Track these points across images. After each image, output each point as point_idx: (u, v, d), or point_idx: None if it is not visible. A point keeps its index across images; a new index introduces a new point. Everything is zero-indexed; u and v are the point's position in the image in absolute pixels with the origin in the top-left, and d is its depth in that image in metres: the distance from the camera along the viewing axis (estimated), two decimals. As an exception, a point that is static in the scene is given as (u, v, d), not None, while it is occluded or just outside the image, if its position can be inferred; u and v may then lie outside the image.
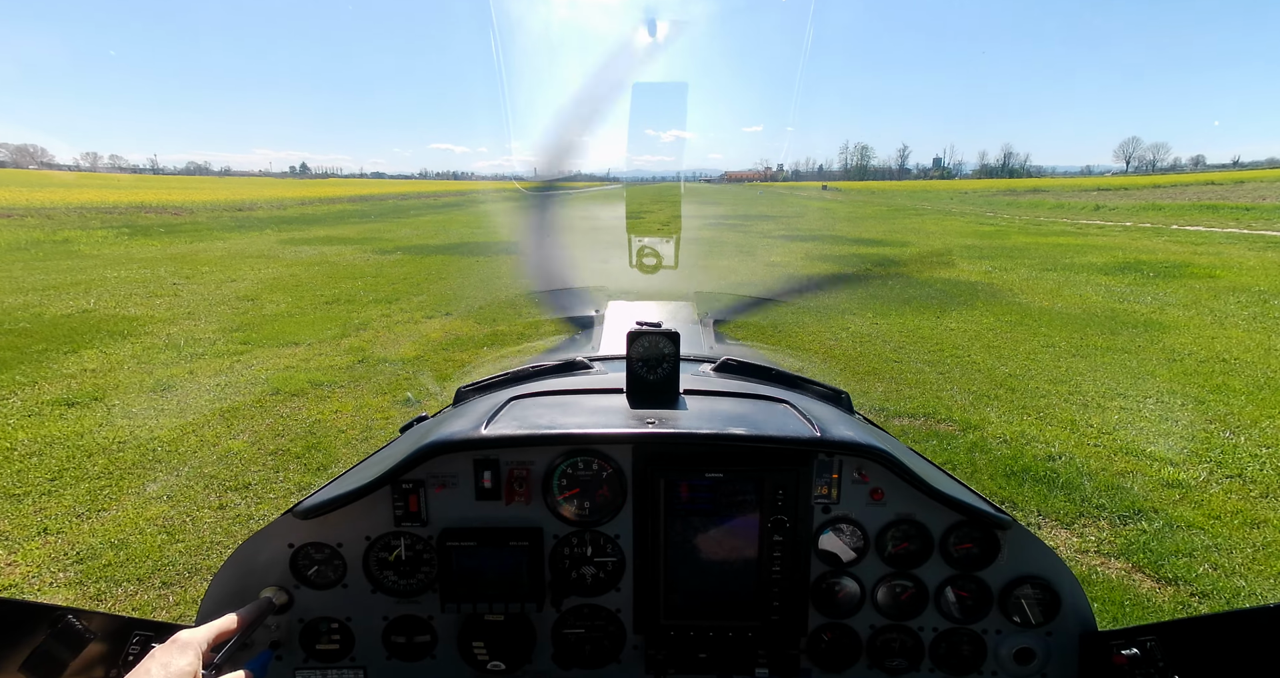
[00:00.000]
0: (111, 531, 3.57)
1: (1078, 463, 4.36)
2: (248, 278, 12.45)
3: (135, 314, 8.90)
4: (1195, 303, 9.84)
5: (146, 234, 20.89)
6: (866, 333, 8.28)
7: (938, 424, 5.17)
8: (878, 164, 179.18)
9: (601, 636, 1.16)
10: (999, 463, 4.37)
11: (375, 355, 7.16)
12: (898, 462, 1.07)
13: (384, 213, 38.15)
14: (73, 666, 0.94)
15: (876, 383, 6.25)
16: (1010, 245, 19.29)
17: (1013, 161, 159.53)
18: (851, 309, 9.76)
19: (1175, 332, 8.03)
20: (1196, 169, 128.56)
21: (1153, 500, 3.86)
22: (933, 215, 37.57)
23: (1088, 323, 8.63)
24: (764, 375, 1.52)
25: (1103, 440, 4.76)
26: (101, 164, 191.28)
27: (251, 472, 4.31)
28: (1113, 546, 3.41)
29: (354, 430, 5.11)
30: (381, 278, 12.66)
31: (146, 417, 5.21)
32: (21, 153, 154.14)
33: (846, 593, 1.15)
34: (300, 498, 1.16)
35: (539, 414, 1.16)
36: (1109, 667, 1.09)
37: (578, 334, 2.58)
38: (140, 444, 4.67)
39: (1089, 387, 6.01)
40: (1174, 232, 23.64)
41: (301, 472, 4.34)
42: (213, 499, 3.95)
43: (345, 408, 5.54)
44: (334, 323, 8.71)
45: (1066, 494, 3.92)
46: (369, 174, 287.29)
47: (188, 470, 4.30)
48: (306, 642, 1.16)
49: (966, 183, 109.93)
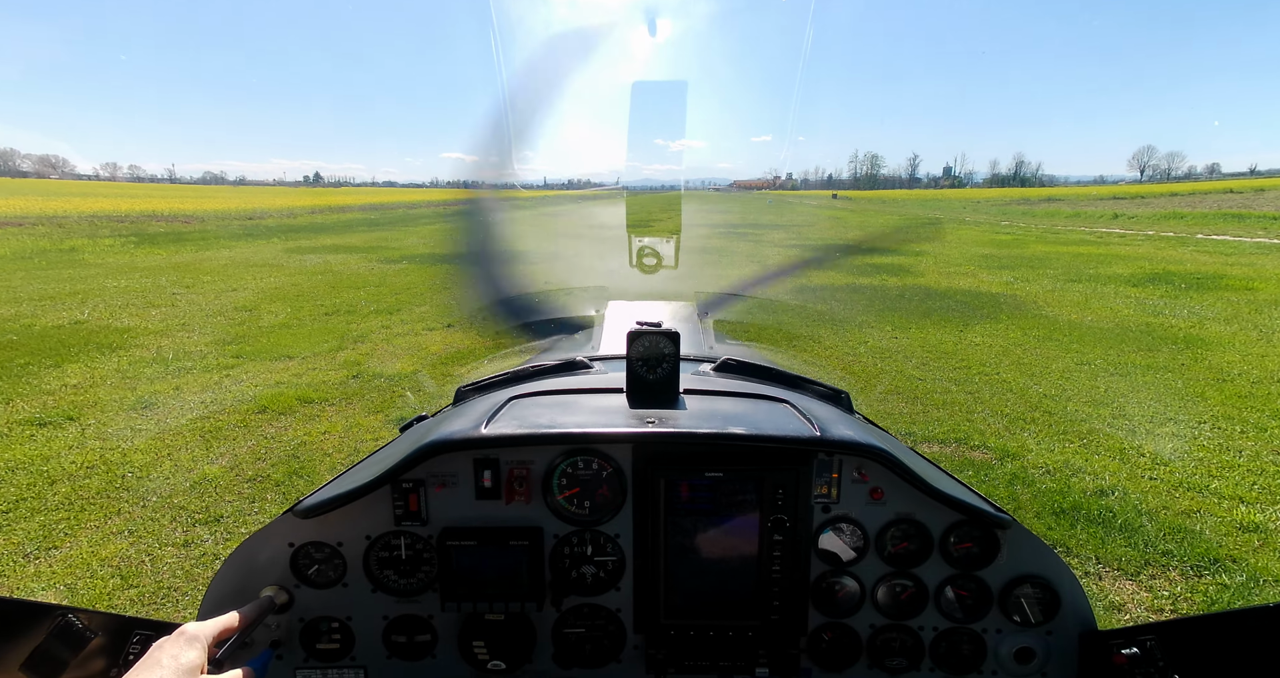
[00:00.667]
0: (60, 573, 3.23)
1: (1134, 500, 3.92)
2: (249, 287, 12.22)
3: (128, 325, 8.65)
4: (1236, 317, 9.32)
5: (153, 243, 20.83)
6: (886, 348, 7.86)
7: (971, 451, 4.74)
8: (888, 173, 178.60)
9: (602, 635, 1.16)
10: (1045, 498, 3.94)
11: (371, 370, 6.83)
12: (897, 461, 1.07)
13: (393, 221, 38.20)
14: (73, 665, 0.94)
15: (901, 403, 5.83)
16: (1030, 255, 18.77)
17: (1024, 170, 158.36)
18: (869, 321, 9.34)
19: (1219, 348, 7.53)
20: (1212, 177, 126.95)
21: (1228, 547, 3.41)
22: (946, 224, 37.04)
23: (1122, 338, 8.15)
24: (764, 375, 1.51)
25: (1159, 473, 4.31)
26: (121, 174, 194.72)
27: (225, 502, 3.97)
28: (1191, 602, 2.97)
29: (340, 454, 4.76)
30: (385, 287, 12.40)
31: (121, 438, 4.89)
32: (44, 163, 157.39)
33: (846, 593, 1.15)
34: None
35: (539, 414, 1.16)
36: (1109, 666, 1.08)
37: (578, 334, 2.56)
38: (110, 469, 4.34)
39: (1134, 410, 5.56)
40: (1199, 241, 22.98)
41: (279, 502, 3.99)
42: (178, 535, 3.60)
43: (334, 428, 5.20)
44: (332, 335, 8.41)
45: (1127, 538, 3.48)
46: (381, 183, 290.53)
47: (156, 500, 3.96)
48: (307, 641, 1.15)
49: (979, 192, 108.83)
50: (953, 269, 15.36)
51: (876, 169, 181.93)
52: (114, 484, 4.15)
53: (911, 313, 9.93)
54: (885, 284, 12.90)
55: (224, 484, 4.20)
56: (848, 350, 7.77)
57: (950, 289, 12.29)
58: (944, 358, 7.32)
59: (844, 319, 9.60)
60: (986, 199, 74.40)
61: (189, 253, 18.44)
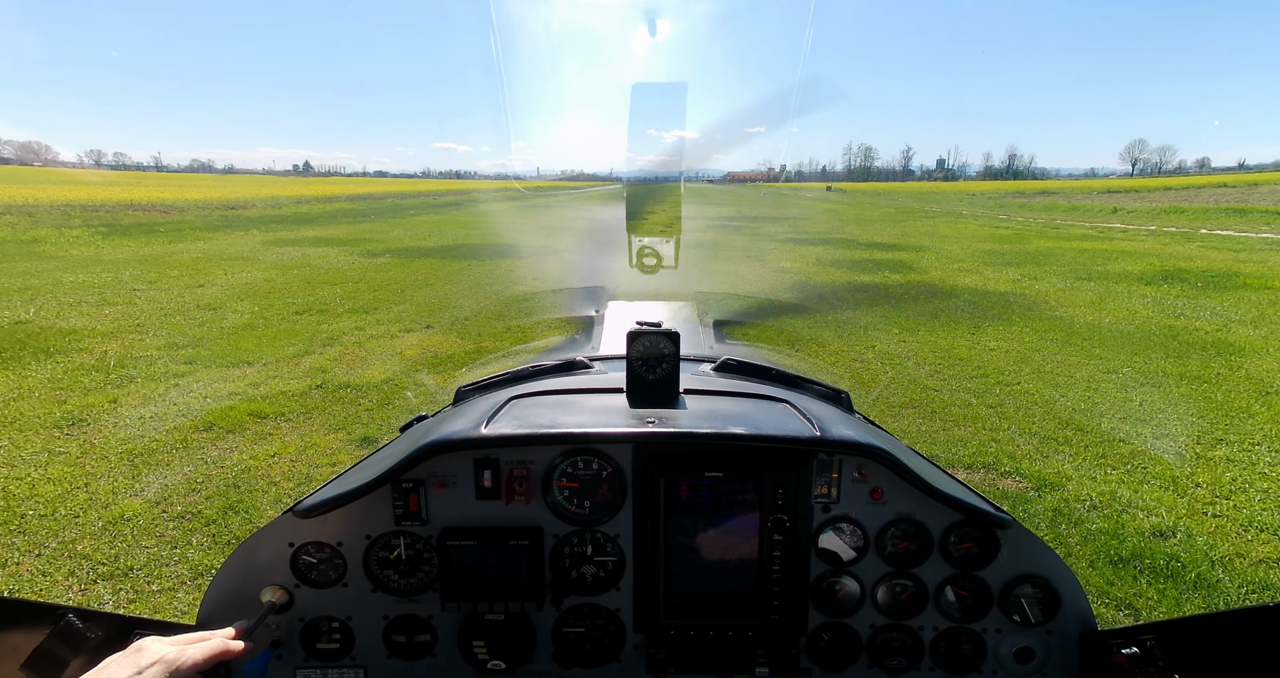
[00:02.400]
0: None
1: (1200, 545, 3.39)
2: (218, 283, 11.51)
3: (75, 326, 7.95)
4: (1262, 319, 8.83)
5: (125, 234, 19.91)
6: (895, 353, 7.32)
7: (1003, 479, 4.20)
8: (882, 165, 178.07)
9: (602, 635, 1.15)
10: (1097, 541, 3.40)
11: (337, 379, 6.21)
12: (897, 461, 1.06)
13: (381, 212, 37.29)
14: (73, 664, 0.94)
15: (918, 418, 5.28)
16: (1034, 251, 18.27)
17: (1017, 163, 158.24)
18: (875, 324, 8.79)
19: (1253, 355, 7.03)
20: (1202, 171, 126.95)
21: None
22: (944, 218, 36.49)
23: (1147, 343, 7.64)
24: (764, 375, 1.51)
25: (1222, 508, 3.79)
26: (106, 161, 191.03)
27: (141, 548, 3.37)
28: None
29: (289, 483, 4.16)
30: (363, 284, 11.72)
31: (34, 464, 4.27)
32: (26, 150, 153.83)
33: (846, 592, 1.14)
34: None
35: (539, 414, 1.16)
36: (1109, 666, 1.07)
37: (578, 334, 2.54)
38: (8, 506, 3.73)
39: (1176, 428, 5.04)
40: (1204, 236, 22.57)
41: (209, 547, 3.39)
42: (73, 592, 3.01)
43: (286, 450, 4.59)
44: (299, 337, 7.77)
45: (1205, 598, 2.95)
46: (372, 173, 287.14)
47: (55, 546, 3.35)
48: (307, 641, 1.14)
49: (974, 184, 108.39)
50: (956, 266, 14.83)
51: (870, 161, 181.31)
52: (8, 526, 3.53)
53: (918, 314, 9.39)
54: (888, 282, 12.36)
55: (144, 524, 3.60)
56: (855, 356, 7.22)
57: (957, 287, 11.76)
58: (958, 365, 6.78)
59: (848, 321, 9.04)
60: (982, 192, 73.94)
61: (160, 245, 17.61)
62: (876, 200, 62.82)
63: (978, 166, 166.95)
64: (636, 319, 1.25)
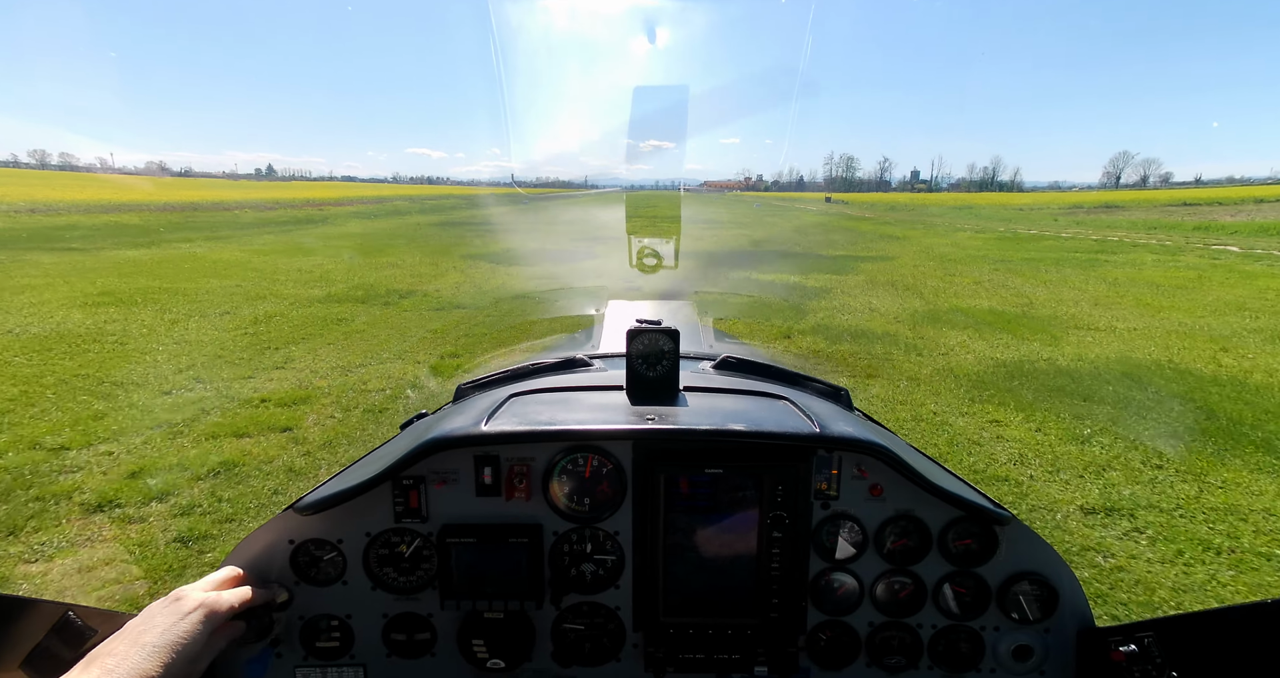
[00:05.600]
0: None
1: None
2: None
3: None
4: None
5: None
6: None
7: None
8: (862, 176, 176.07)
9: (601, 633, 1.15)
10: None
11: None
12: (897, 458, 1.06)
13: (306, 221, 31.23)
14: (74, 663, 0.90)
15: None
16: (1142, 284, 13.23)
17: (1000, 175, 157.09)
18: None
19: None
20: (1165, 187, 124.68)
21: None
22: (1006, 242, 25.34)
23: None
24: (763, 373, 1.53)
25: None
26: (52, 163, 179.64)
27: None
28: None
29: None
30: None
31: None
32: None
33: (845, 590, 1.14)
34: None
35: (539, 411, 1.16)
36: (1107, 663, 1.07)
37: (578, 333, 2.58)
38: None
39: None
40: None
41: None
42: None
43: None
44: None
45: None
46: (340, 177, 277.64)
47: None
48: (307, 640, 1.14)
49: (1022, 197, 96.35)
50: (1080, 323, 9.29)
51: (852, 172, 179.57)
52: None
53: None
54: (1009, 360, 7.13)
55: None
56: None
57: (1122, 371, 6.58)
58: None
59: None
60: (1029, 206, 63.97)
61: None
62: (884, 215, 51.88)
63: (957, 178, 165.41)
64: (636, 318, 1.26)
